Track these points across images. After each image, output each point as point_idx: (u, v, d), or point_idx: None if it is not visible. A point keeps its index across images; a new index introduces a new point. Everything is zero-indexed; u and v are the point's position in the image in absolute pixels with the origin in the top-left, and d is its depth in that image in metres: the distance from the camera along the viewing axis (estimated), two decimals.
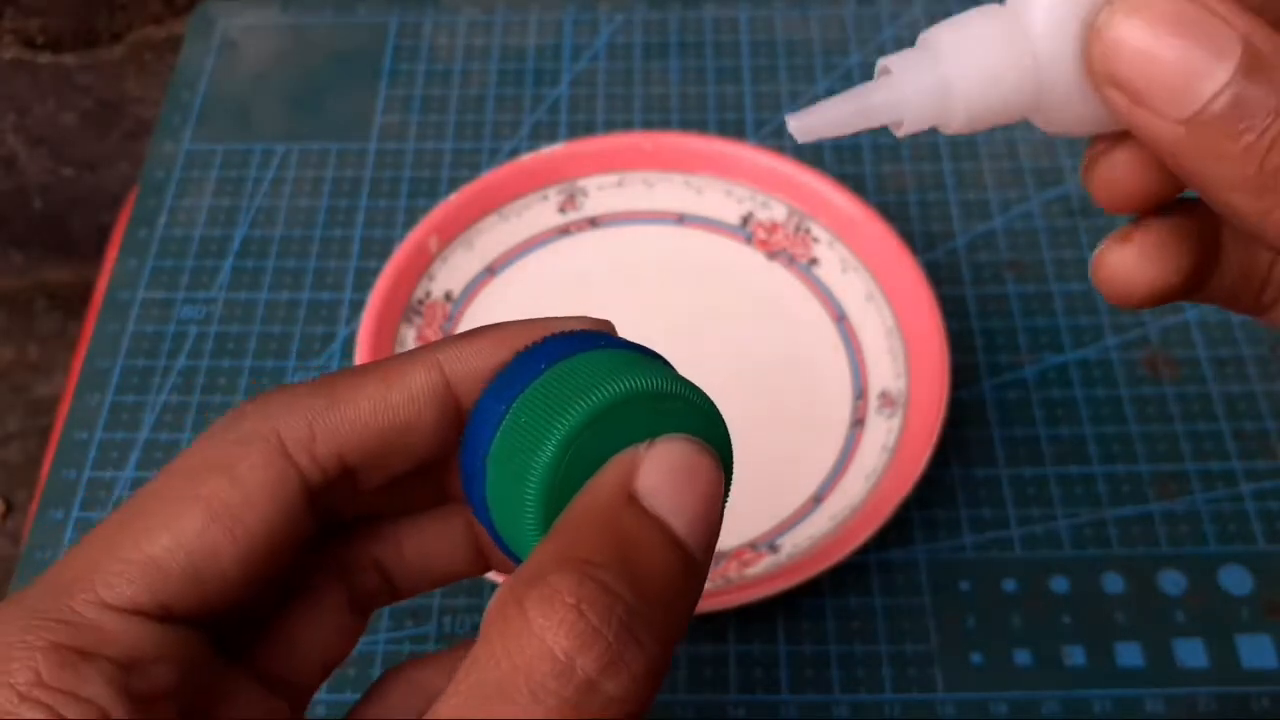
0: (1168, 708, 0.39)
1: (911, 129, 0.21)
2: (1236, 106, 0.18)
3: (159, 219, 0.54)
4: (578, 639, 0.18)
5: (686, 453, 0.21)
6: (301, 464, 0.22)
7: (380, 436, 0.22)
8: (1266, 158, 0.18)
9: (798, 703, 0.40)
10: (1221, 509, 0.44)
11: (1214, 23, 0.19)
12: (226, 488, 0.21)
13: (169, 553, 0.20)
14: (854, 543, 0.39)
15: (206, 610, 0.21)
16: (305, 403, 0.22)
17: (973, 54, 0.21)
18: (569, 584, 0.19)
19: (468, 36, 0.61)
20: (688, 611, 0.20)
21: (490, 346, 0.23)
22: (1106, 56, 0.19)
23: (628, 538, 0.20)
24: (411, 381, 0.22)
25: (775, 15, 0.61)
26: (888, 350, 0.46)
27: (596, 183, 0.51)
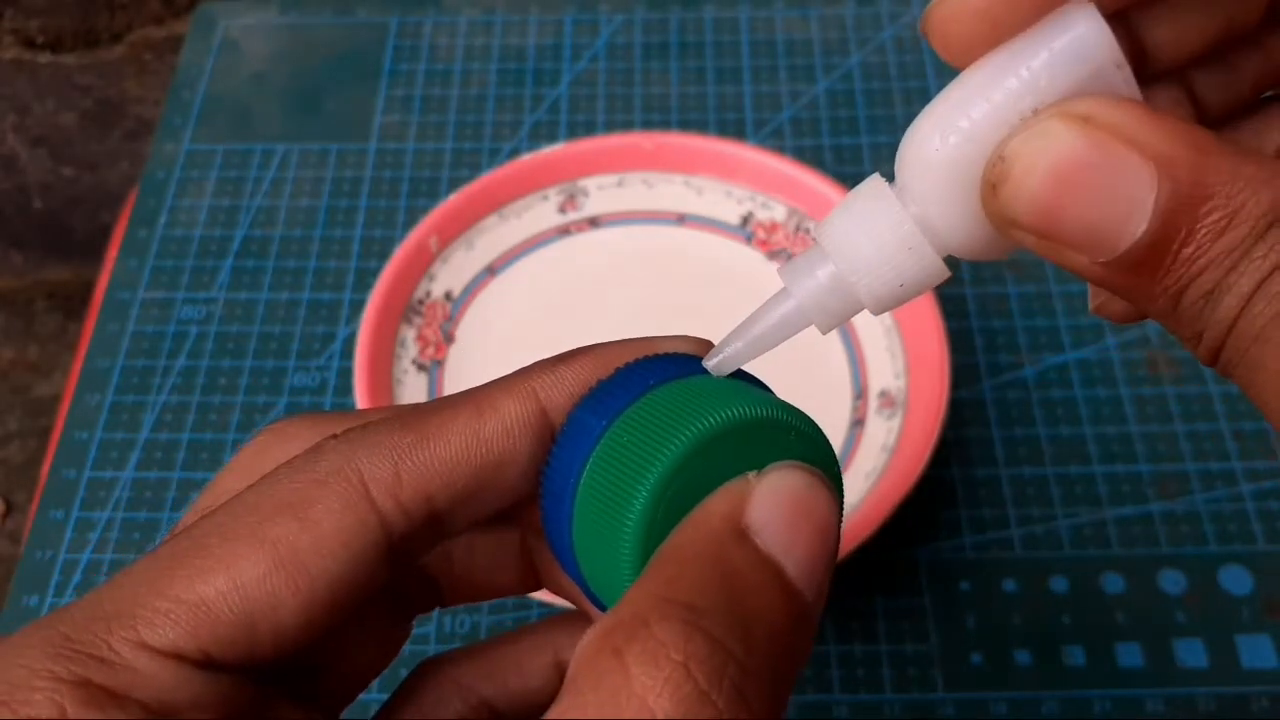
0: (1168, 708, 0.39)
1: (830, 328, 0.21)
2: (1154, 253, 0.17)
3: (159, 219, 0.54)
4: (684, 704, 0.16)
5: (802, 484, 0.19)
6: (385, 509, 0.19)
7: (473, 475, 0.20)
8: (1181, 299, 0.17)
9: (798, 703, 0.40)
10: (1221, 509, 0.44)
11: (1123, 160, 0.17)
12: (297, 531, 0.19)
13: (222, 597, 0.18)
14: (854, 543, 0.39)
15: (256, 659, 0.19)
16: (391, 440, 0.20)
17: (857, 246, 0.20)
18: (675, 637, 0.16)
19: (468, 36, 0.61)
20: (798, 667, 0.18)
21: (590, 370, 0.21)
22: (1007, 210, 0.18)
23: (737, 580, 0.18)
24: (506, 412, 0.20)
25: (775, 15, 0.61)
26: (888, 350, 0.46)
27: (596, 183, 0.51)
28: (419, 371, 0.47)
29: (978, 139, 0.18)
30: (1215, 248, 0.17)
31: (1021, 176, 0.18)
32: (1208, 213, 0.17)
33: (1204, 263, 0.17)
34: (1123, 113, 0.17)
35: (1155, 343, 0.48)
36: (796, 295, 0.20)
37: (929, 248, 0.19)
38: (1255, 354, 0.17)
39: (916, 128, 0.19)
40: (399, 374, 0.46)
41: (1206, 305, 0.17)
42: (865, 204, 0.20)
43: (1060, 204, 0.17)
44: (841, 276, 0.20)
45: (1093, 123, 0.17)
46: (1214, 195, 0.17)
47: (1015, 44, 0.18)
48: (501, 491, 0.21)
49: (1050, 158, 0.17)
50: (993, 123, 0.18)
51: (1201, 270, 0.17)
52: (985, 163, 0.18)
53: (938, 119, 0.19)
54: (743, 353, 0.21)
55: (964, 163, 0.18)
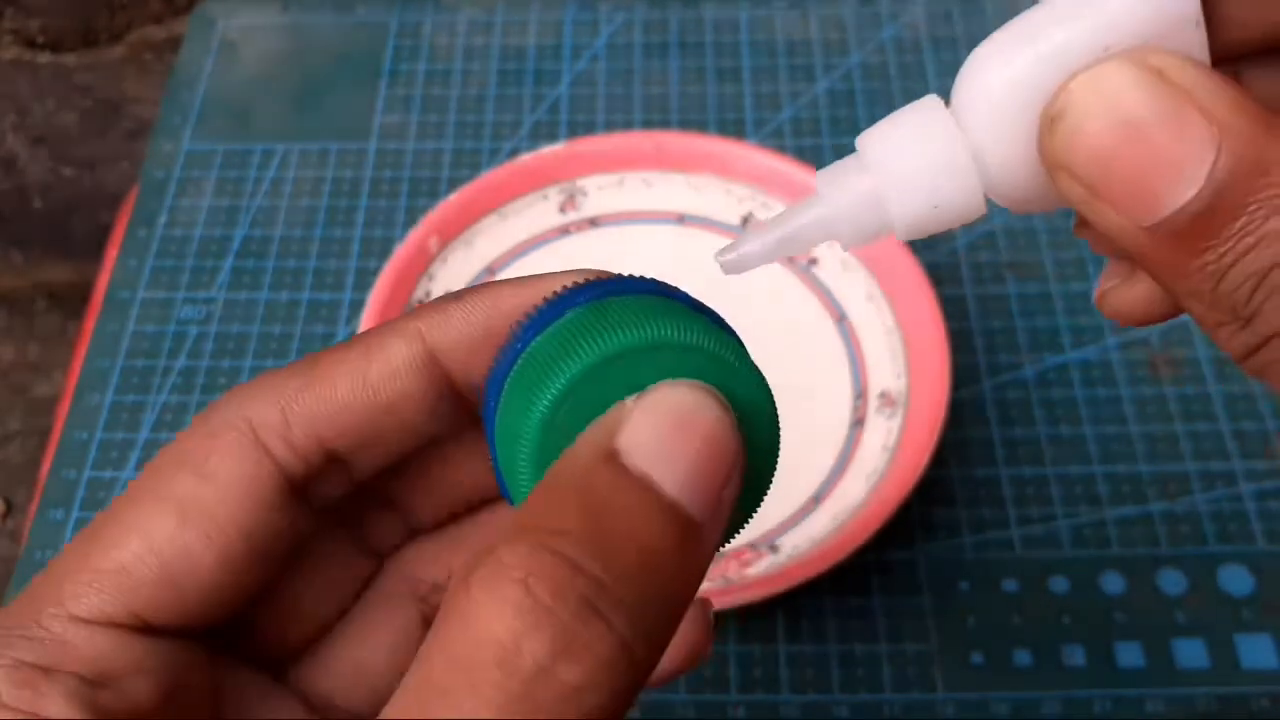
0: (1168, 708, 0.39)
1: (851, 246, 0.20)
2: (1200, 223, 0.16)
3: (159, 219, 0.54)
4: (524, 619, 0.15)
5: (682, 399, 0.18)
6: (277, 453, 0.20)
7: (363, 417, 0.20)
8: (1225, 278, 0.17)
9: (798, 703, 0.40)
10: (1221, 509, 0.44)
11: (1188, 121, 0.16)
12: (196, 484, 0.19)
13: (138, 559, 0.19)
14: (854, 543, 0.39)
15: (191, 618, 0.19)
16: (279, 386, 0.20)
17: (903, 161, 0.19)
18: (518, 558, 0.16)
19: (468, 36, 0.61)
20: (685, 584, 0.17)
21: (476, 310, 0.21)
22: (1060, 150, 0.17)
23: (599, 500, 0.17)
24: (392, 355, 0.20)
25: (775, 15, 0.61)
26: (888, 350, 0.46)
27: (596, 183, 0.51)
28: None
29: (1045, 69, 0.17)
30: (1267, 226, 0.16)
31: (1082, 117, 0.17)
32: (1264, 188, 0.16)
33: (1253, 240, 0.16)
34: (1195, 73, 0.17)
35: (1155, 343, 0.48)
36: (828, 202, 0.19)
37: (974, 174, 0.19)
38: None
39: (981, 50, 0.18)
40: None
41: (1257, 291, 0.16)
42: (916, 117, 0.19)
43: (1116, 153, 0.17)
44: (878, 190, 0.19)
45: (1164, 77, 0.17)
46: (1272, 172, 0.16)
47: None
48: (401, 431, 0.21)
49: (1115, 103, 0.17)
50: (1063, 56, 0.17)
51: (1249, 249, 0.16)
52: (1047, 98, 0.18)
53: (1006, 43, 0.18)
54: (758, 253, 0.20)
55: (1026, 93, 0.18)
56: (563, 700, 0.15)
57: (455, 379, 0.21)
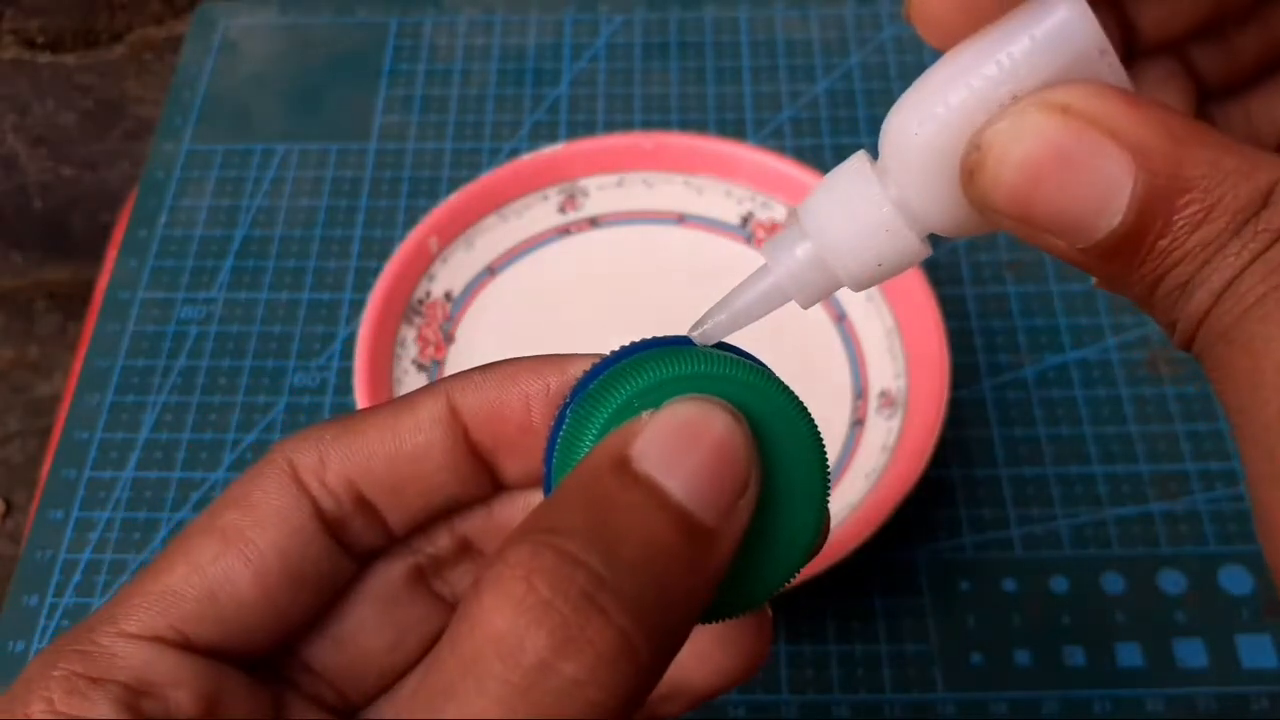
0: (1168, 708, 0.39)
1: (810, 304, 0.21)
2: (1131, 242, 0.17)
3: (159, 219, 0.54)
4: (526, 614, 0.16)
5: (692, 411, 0.19)
6: (312, 489, 0.21)
7: (390, 463, 0.22)
8: (1161, 284, 0.17)
9: (798, 703, 0.40)
10: (1221, 509, 0.44)
11: (1102, 150, 0.17)
12: (240, 516, 0.21)
13: (183, 580, 0.20)
14: (854, 543, 0.39)
15: (230, 638, 0.21)
16: (319, 433, 0.22)
17: (836, 228, 0.20)
18: (522, 556, 0.16)
19: (468, 36, 0.61)
20: (694, 586, 0.18)
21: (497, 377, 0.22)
22: (985, 197, 0.18)
23: (606, 503, 0.17)
24: (418, 409, 0.22)
25: (775, 15, 0.61)
26: (888, 350, 0.46)
27: (596, 183, 0.51)
28: (419, 371, 0.47)
29: (955, 125, 0.18)
30: (1191, 240, 0.17)
31: (996, 165, 0.17)
32: (1185, 205, 0.16)
33: (1179, 255, 0.17)
34: (1101, 101, 0.17)
35: (1155, 343, 0.48)
36: (776, 272, 0.20)
37: (907, 230, 0.19)
38: (1221, 353, 0.17)
39: (897, 111, 0.19)
40: (399, 374, 0.46)
41: (1181, 296, 0.17)
42: (845, 183, 0.20)
43: (1035, 192, 0.17)
44: (819, 255, 0.20)
45: (1070, 111, 0.17)
46: (1193, 188, 0.16)
47: (998, 28, 0.18)
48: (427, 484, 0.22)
49: (1025, 147, 0.17)
50: (971, 109, 0.18)
51: (1178, 262, 0.17)
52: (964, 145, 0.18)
53: (917, 103, 0.18)
54: (724, 325, 0.21)
55: (942, 148, 0.18)
56: (564, 694, 0.16)
57: (474, 440, 0.22)
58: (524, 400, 0.22)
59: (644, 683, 0.17)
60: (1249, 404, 0.16)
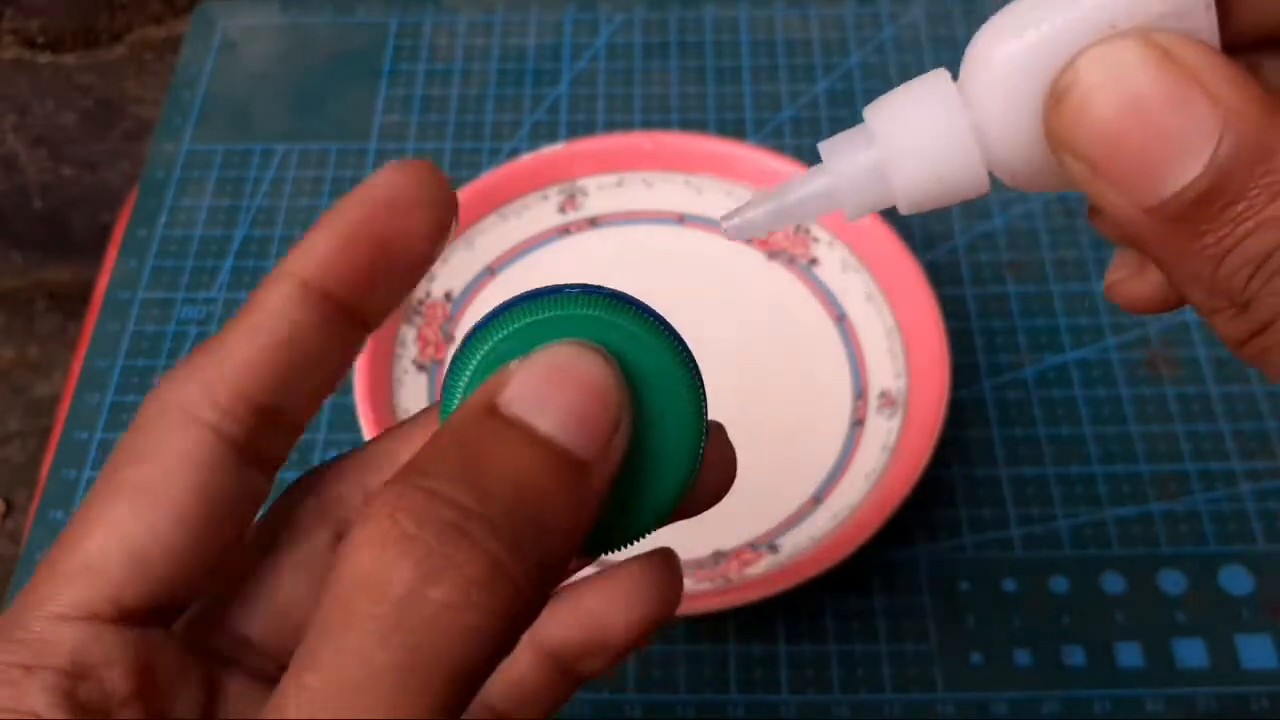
0: (1168, 708, 0.39)
1: (856, 216, 0.20)
2: (1201, 206, 0.16)
3: (159, 219, 0.54)
4: (390, 549, 0.16)
5: (560, 353, 0.19)
6: (208, 419, 0.20)
7: (270, 361, 0.21)
8: (1224, 261, 0.17)
9: (798, 703, 0.40)
10: (1221, 509, 0.44)
11: (1194, 102, 0.16)
12: (140, 469, 0.20)
13: (102, 548, 0.19)
14: (854, 543, 0.39)
15: (162, 594, 0.20)
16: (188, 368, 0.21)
17: (908, 134, 0.19)
18: (388, 497, 0.17)
19: (468, 36, 0.61)
20: (570, 517, 0.18)
21: (327, 232, 0.21)
22: (1065, 128, 0.18)
23: (475, 444, 0.18)
24: (266, 300, 0.21)
25: (775, 15, 0.61)
26: (888, 350, 0.46)
27: (596, 183, 0.51)
28: (419, 371, 0.47)
29: (1051, 47, 0.17)
30: (1267, 211, 0.16)
31: (1087, 93, 0.17)
32: (1265, 173, 0.16)
33: (1252, 224, 0.16)
34: (1202, 54, 0.17)
35: (1155, 343, 0.48)
36: (833, 172, 0.19)
37: (977, 149, 0.19)
38: None
39: (988, 27, 0.18)
40: (399, 374, 0.46)
41: (1255, 275, 0.16)
42: (922, 91, 0.19)
43: (1119, 131, 0.17)
44: (883, 163, 0.19)
45: (1171, 56, 0.17)
46: (1275, 157, 0.16)
47: None
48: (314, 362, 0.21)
49: (1120, 80, 0.17)
50: (1070, 33, 0.17)
51: (1250, 232, 0.16)
52: (1053, 73, 0.18)
53: (1014, 18, 0.18)
54: (761, 221, 0.20)
55: (1032, 67, 0.18)
56: (436, 619, 0.16)
57: (334, 295, 0.21)
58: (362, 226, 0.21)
59: (521, 608, 0.17)
60: None
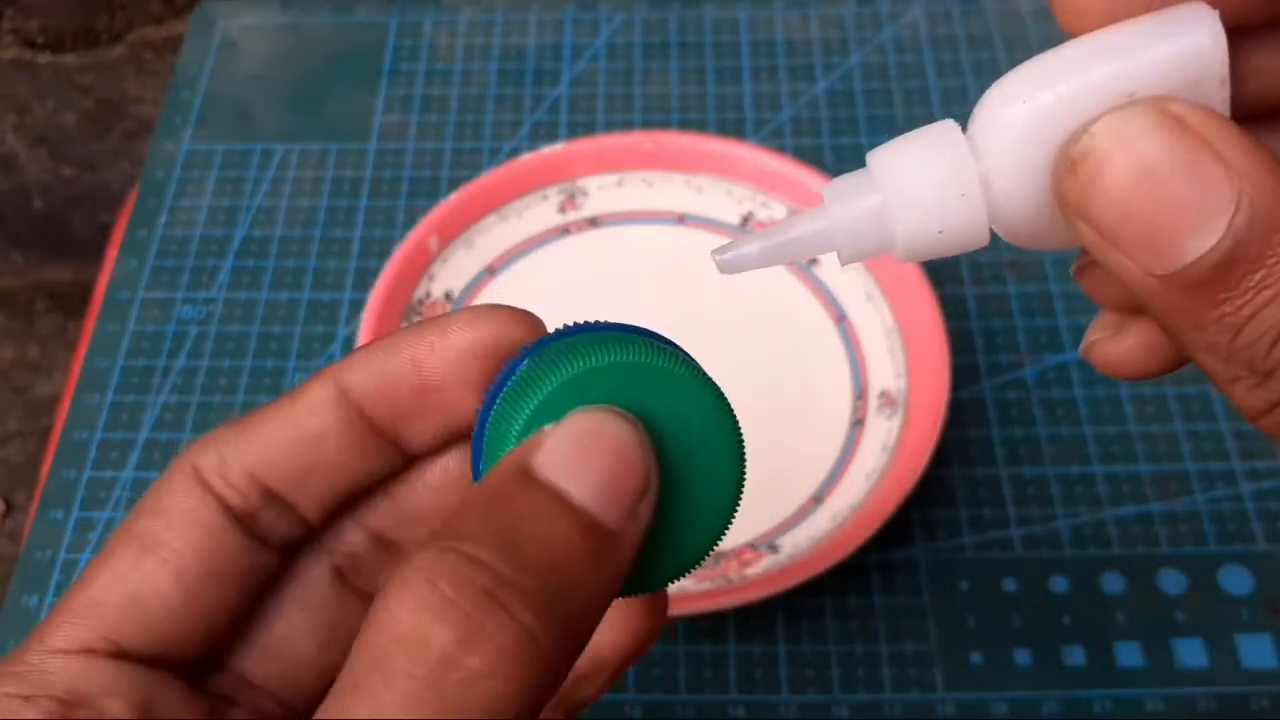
0: (1168, 708, 0.39)
1: (851, 260, 0.20)
2: (1218, 274, 0.16)
3: (159, 219, 0.54)
4: (429, 612, 0.17)
5: (592, 420, 0.19)
6: (216, 487, 0.22)
7: (289, 452, 0.22)
8: (1243, 331, 0.17)
9: (798, 703, 0.40)
10: (1221, 509, 0.44)
11: (1209, 171, 0.16)
12: (152, 522, 0.21)
13: (106, 590, 0.21)
14: (854, 543, 0.39)
15: (161, 643, 0.21)
16: (218, 436, 0.22)
17: (915, 183, 0.19)
18: (426, 562, 0.17)
19: (468, 36, 0.61)
20: (598, 586, 0.18)
21: (380, 349, 0.22)
22: (1079, 194, 0.17)
23: (509, 509, 0.18)
24: (309, 396, 0.22)
25: (775, 15, 0.61)
26: (888, 350, 0.46)
27: (596, 183, 0.51)
28: None
29: (1064, 110, 0.17)
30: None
31: (1102, 160, 0.17)
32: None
33: (1272, 293, 0.16)
34: (1217, 123, 0.17)
35: None
36: (834, 215, 0.19)
37: (983, 205, 0.19)
38: None
39: (1004, 82, 0.18)
40: None
41: (1277, 344, 0.16)
42: (931, 139, 0.19)
43: (1135, 199, 0.17)
44: (885, 209, 0.19)
45: (1186, 124, 0.17)
46: None
47: (1129, 28, 0.18)
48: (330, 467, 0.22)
49: (1136, 148, 0.17)
50: (1086, 98, 0.17)
51: (1269, 301, 0.16)
52: (1066, 137, 0.18)
53: (1029, 78, 0.18)
54: (755, 256, 0.20)
55: (1044, 130, 0.18)
56: (469, 686, 0.16)
57: (371, 416, 0.22)
58: (411, 365, 0.22)
59: (549, 677, 0.17)
60: None
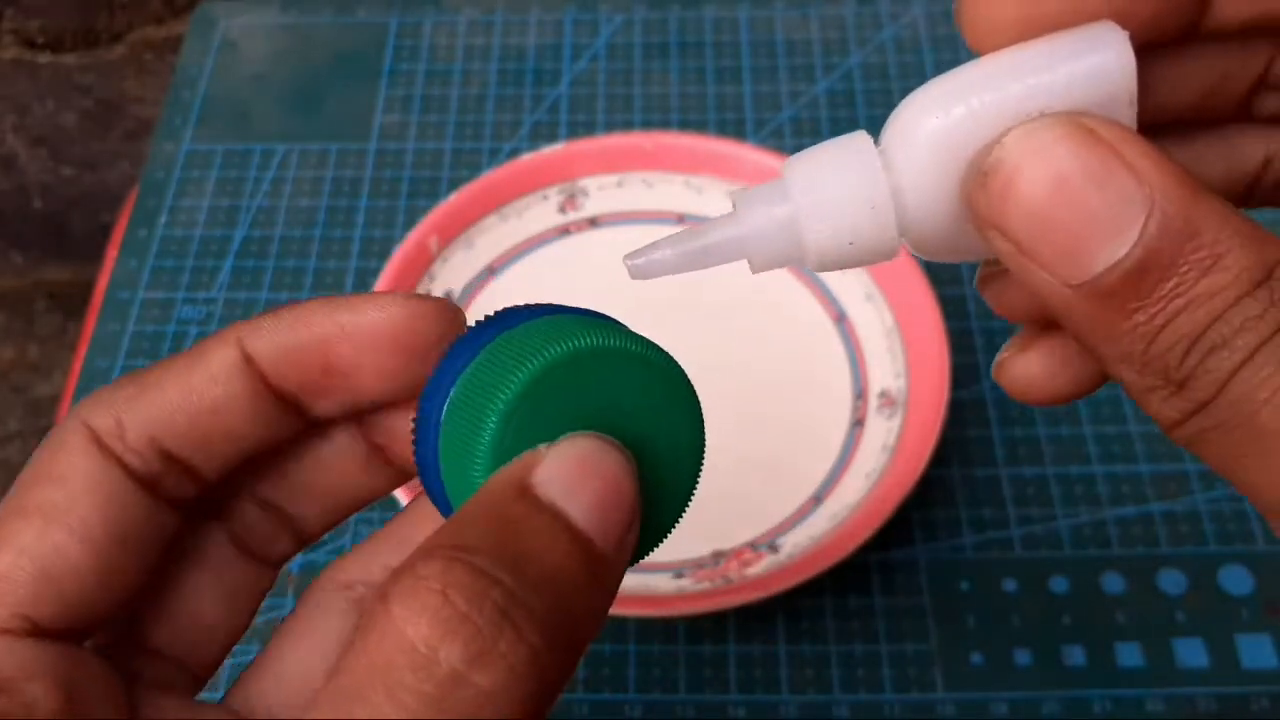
0: (1168, 708, 0.39)
1: (763, 269, 0.20)
2: (1130, 283, 0.16)
3: (159, 219, 0.54)
4: (440, 626, 0.16)
5: (590, 446, 0.19)
6: (115, 450, 0.21)
7: (191, 419, 0.21)
8: (1156, 340, 0.17)
9: (798, 703, 0.40)
10: (1221, 509, 0.44)
11: (1122, 181, 0.17)
12: (50, 490, 0.21)
13: (13, 565, 0.20)
14: (854, 543, 0.39)
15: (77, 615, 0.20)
16: (111, 395, 0.21)
17: (825, 193, 0.19)
18: (435, 571, 0.17)
19: (468, 36, 0.61)
20: (593, 609, 0.18)
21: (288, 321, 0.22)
22: (991, 206, 0.18)
23: (513, 524, 0.18)
24: (212, 360, 0.21)
25: (775, 15, 0.61)
26: (888, 350, 0.46)
27: (596, 183, 0.51)
28: None
29: (975, 124, 0.18)
30: (1199, 286, 0.16)
31: (1014, 172, 0.17)
32: (1194, 249, 0.16)
33: (1184, 301, 0.16)
34: (1128, 136, 0.17)
35: None
36: (744, 224, 0.19)
37: (892, 215, 0.19)
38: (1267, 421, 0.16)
39: (916, 97, 0.18)
40: None
41: (1190, 353, 0.16)
42: (842, 151, 0.19)
43: (1047, 208, 0.17)
44: (795, 218, 0.19)
45: (1098, 136, 0.17)
46: (1202, 234, 0.16)
47: (1040, 45, 0.18)
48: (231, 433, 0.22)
49: (1048, 160, 0.17)
50: (998, 113, 0.18)
51: (1181, 309, 0.16)
52: (977, 151, 0.18)
53: (942, 94, 0.18)
54: (669, 262, 0.20)
55: (956, 143, 0.18)
56: (475, 705, 0.16)
57: (274, 385, 0.22)
58: (321, 344, 0.22)
59: (546, 701, 0.17)
60: None
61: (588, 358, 0.20)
